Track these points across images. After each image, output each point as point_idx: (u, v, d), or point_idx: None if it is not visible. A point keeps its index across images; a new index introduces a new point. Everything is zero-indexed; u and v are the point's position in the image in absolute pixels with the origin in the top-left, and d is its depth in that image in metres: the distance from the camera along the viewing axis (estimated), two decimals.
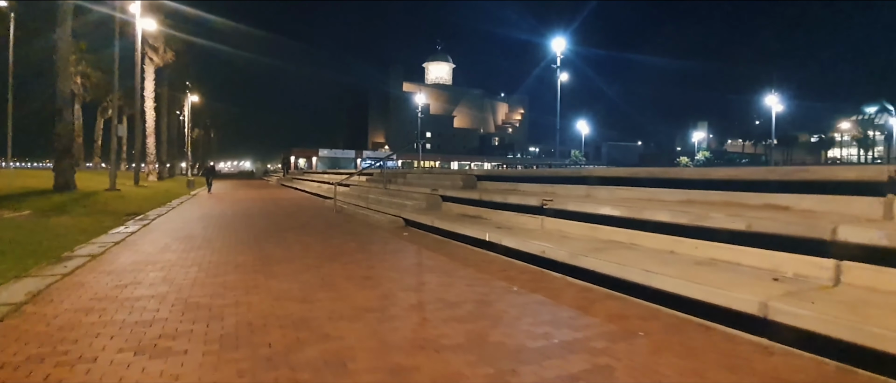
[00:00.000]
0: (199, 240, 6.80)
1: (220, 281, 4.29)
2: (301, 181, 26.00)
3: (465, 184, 8.67)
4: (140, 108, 22.89)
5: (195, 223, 8.93)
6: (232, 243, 6.54)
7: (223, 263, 5.11)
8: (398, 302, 3.64)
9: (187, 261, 5.17)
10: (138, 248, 6.00)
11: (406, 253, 5.88)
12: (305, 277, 4.47)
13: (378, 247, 6.24)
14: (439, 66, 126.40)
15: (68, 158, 13.67)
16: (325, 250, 5.99)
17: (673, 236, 4.21)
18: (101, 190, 15.37)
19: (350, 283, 4.24)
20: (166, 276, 4.44)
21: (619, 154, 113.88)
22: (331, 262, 5.19)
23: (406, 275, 4.61)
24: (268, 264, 5.08)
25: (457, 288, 4.08)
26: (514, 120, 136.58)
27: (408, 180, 11.69)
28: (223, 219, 9.87)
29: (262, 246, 6.33)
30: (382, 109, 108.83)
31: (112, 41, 18.78)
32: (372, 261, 5.36)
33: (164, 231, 7.73)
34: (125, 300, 3.66)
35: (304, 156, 71.98)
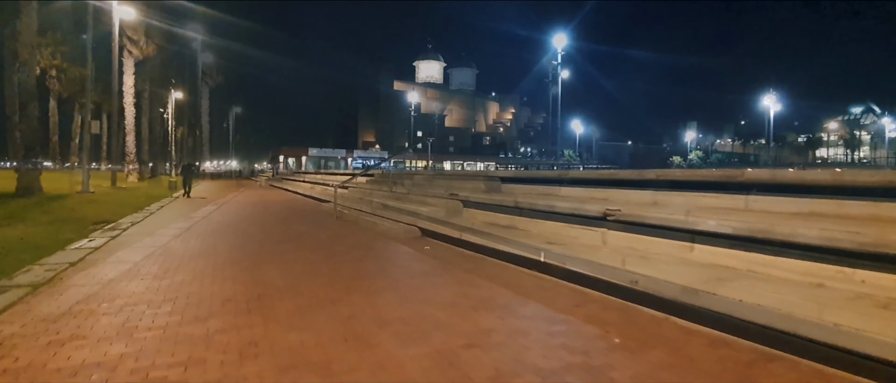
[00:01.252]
0: (178, 258, 5.53)
1: (200, 332, 3.06)
2: (292, 182, 24.59)
3: (489, 188, 7.47)
4: (118, 105, 21.27)
5: (173, 234, 7.61)
6: (219, 264, 5.27)
7: (206, 297, 3.87)
8: (469, 370, 2.46)
9: (158, 296, 3.91)
10: (97, 273, 4.71)
11: (438, 277, 4.66)
12: (320, 321, 3.26)
13: (400, 269, 5.02)
14: (430, 64, 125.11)
15: (32, 158, 12.17)
16: (337, 273, 4.78)
17: (817, 263, 3.10)
18: (72, 192, 13.89)
19: (384, 332, 3.04)
20: (125, 324, 3.19)
21: (610, 153, 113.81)
22: (349, 294, 3.99)
23: (455, 317, 3.42)
24: (266, 298, 3.86)
25: (535, 336, 2.92)
26: (505, 119, 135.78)
27: (416, 182, 10.47)
28: (209, 226, 8.57)
29: (258, 267, 5.09)
30: (372, 108, 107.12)
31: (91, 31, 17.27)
32: (400, 288, 4.16)
33: (135, 246, 6.42)
34: (54, 371, 2.42)
35: (292, 156, 70.17)
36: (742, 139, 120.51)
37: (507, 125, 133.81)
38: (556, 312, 3.44)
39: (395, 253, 5.88)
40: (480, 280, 4.36)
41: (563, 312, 3.44)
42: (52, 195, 12.50)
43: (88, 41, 15.90)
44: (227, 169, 76.33)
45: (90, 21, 16.13)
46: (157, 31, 25.08)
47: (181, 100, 42.18)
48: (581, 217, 5.07)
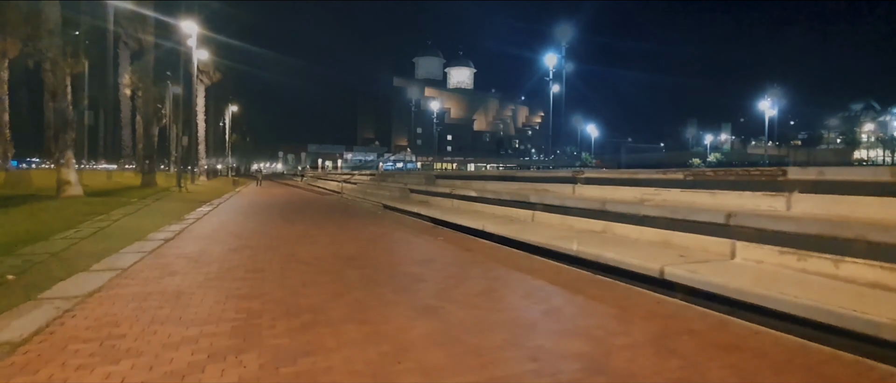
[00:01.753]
0: (252, 213, 11.23)
1: (260, 227, 8.63)
2: (323, 181, 30.75)
3: (426, 181, 12.91)
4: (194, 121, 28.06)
5: (247, 206, 13.42)
6: (272, 215, 10.92)
7: (265, 222, 9.47)
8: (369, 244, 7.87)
9: (247, 221, 9.54)
10: (220, 216, 10.43)
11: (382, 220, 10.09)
12: (304, 227, 8.76)
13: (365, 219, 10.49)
14: (461, 70, 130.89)
15: (152, 164, 18.57)
16: (328, 219, 10.29)
17: None
18: (170, 186, 20.30)
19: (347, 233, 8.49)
20: (239, 224, 8.80)
21: (637, 156, 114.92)
22: (327, 222, 9.48)
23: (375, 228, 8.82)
24: (289, 221, 9.40)
25: (402, 239, 8.28)
26: (535, 122, 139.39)
27: (395, 178, 15.99)
28: (264, 204, 14.36)
29: (288, 216, 10.68)
30: (405, 114, 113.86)
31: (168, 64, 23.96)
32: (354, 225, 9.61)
33: (229, 209, 12.21)
34: (226, 228, 8.00)
35: (331, 159, 77.57)
36: (778, 141, 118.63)
37: (537, 129, 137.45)
38: (421, 235, 8.76)
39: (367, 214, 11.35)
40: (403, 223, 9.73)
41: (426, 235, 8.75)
42: (162, 188, 18.83)
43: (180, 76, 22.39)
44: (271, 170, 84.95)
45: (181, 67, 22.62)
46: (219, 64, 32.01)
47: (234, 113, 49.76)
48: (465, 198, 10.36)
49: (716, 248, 4.17)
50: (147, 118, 18.33)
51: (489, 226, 6.82)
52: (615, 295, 3.81)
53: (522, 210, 7.41)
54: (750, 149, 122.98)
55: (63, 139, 10.99)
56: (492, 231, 6.68)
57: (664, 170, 5.64)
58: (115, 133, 41.84)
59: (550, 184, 8.10)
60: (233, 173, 51.45)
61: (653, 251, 4.44)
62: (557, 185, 7.84)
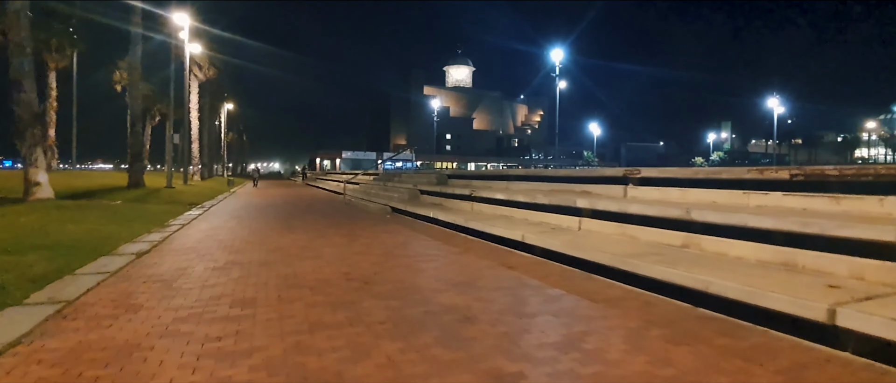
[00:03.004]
0: (246, 218, 10.03)
1: (258, 239, 7.44)
2: (323, 181, 29.52)
3: (438, 181, 11.76)
4: (187, 118, 26.77)
5: (241, 209, 12.22)
6: (268, 219, 9.73)
7: (260, 229, 8.28)
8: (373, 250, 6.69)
9: (241, 227, 8.35)
10: (210, 221, 9.23)
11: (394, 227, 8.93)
12: (306, 235, 7.58)
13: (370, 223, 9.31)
14: (459, 69, 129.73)
15: (139, 162, 17.32)
16: (333, 225, 9.11)
17: None
18: (161, 187, 19.04)
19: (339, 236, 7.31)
20: (231, 232, 7.61)
21: (637, 154, 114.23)
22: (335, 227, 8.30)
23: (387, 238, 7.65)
24: (288, 228, 8.22)
25: (412, 246, 7.09)
26: (534, 121, 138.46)
27: (401, 179, 14.81)
28: (260, 207, 13.15)
29: (287, 221, 9.50)
30: (403, 112, 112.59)
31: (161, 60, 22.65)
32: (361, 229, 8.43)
33: (220, 213, 11.01)
34: (216, 236, 6.82)
35: (328, 158, 76.18)
36: (777, 140, 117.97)
37: (536, 127, 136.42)
38: (445, 245, 7.60)
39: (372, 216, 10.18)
40: None
41: (437, 239, 7.58)
42: (151, 189, 17.58)
43: (171, 74, 21.14)
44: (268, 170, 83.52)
45: (172, 60, 21.37)
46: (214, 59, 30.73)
47: (231, 111, 48.45)
48: (465, 198, 9.20)
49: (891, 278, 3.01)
50: (133, 114, 17.09)
51: (530, 236, 5.66)
52: (766, 349, 2.65)
53: (565, 217, 6.25)
54: (750, 148, 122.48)
55: (31, 135, 9.78)
56: (535, 243, 5.53)
57: (760, 169, 4.50)
58: (111, 132, 40.52)
59: (592, 184, 6.95)
60: (229, 173, 50.11)
61: (781, 278, 3.28)
62: (602, 187, 6.70)
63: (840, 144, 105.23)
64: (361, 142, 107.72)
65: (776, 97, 57.96)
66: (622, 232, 5.27)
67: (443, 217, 8.37)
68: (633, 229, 5.16)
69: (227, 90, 42.94)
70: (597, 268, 4.47)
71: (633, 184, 6.16)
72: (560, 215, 6.44)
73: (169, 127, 20.55)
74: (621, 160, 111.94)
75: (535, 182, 8.45)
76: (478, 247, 6.29)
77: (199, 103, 31.35)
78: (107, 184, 18.38)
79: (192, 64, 27.14)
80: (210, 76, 30.63)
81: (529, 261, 5.22)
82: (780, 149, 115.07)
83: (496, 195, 8.03)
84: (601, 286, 4.07)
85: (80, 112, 39.33)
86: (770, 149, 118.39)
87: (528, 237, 5.68)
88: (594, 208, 5.78)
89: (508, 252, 5.86)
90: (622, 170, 6.34)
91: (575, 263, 4.82)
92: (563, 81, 40.22)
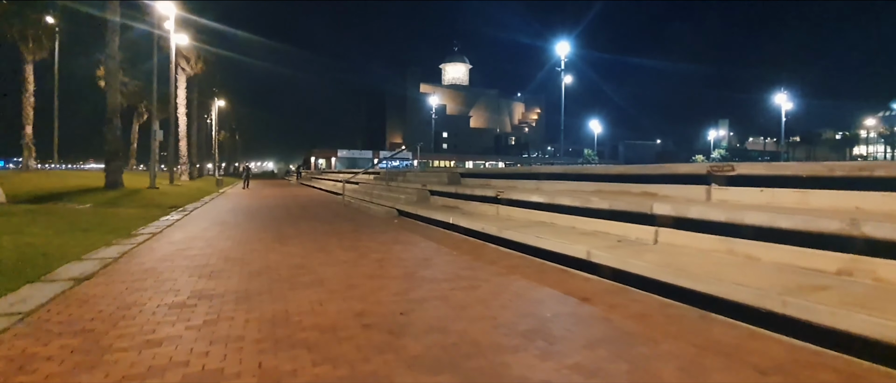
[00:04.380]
0: (232, 224, 8.59)
1: (239, 256, 6.02)
2: (319, 180, 28.02)
3: (450, 181, 10.39)
4: (173, 115, 25.18)
5: (227, 213, 10.77)
6: (257, 226, 8.30)
7: (246, 240, 6.86)
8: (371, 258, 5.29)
9: (224, 237, 6.92)
10: (186, 229, 7.80)
11: None
12: (302, 250, 6.16)
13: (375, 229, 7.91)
14: (456, 66, 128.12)
15: (117, 160, 15.79)
16: (334, 233, 7.70)
17: None
18: (143, 188, 17.51)
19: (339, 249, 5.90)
20: (209, 244, 6.19)
21: (635, 153, 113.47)
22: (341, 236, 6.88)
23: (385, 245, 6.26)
24: (280, 239, 6.80)
25: (420, 254, 5.70)
26: (531, 119, 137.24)
27: (407, 178, 13.41)
28: (249, 210, 11.70)
29: (279, 228, 8.07)
30: (399, 110, 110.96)
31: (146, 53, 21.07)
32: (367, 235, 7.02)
33: (202, 219, 9.57)
34: (188, 251, 5.40)
35: (323, 157, 74.50)
36: (775, 137, 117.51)
37: (533, 125, 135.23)
38: (480, 264, 6.22)
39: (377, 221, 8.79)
40: None
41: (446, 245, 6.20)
42: (130, 189, 16.07)
43: (154, 67, 19.59)
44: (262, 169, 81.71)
45: (155, 50, 19.83)
46: (203, 52, 29.12)
47: (222, 108, 46.77)
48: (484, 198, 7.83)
49: None
50: (110, 108, 15.56)
51: (599, 252, 4.30)
52: None
53: (632, 225, 4.90)
54: (748, 145, 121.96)
55: None
56: (606, 262, 4.17)
57: None
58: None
59: (656, 184, 5.60)
60: (221, 173, 48.41)
61: None
62: (671, 187, 5.35)
63: (839, 141, 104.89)
64: (357, 141, 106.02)
65: (784, 93, 56.86)
66: (729, 248, 3.91)
67: (465, 223, 6.99)
68: (744, 245, 3.80)
69: (218, 86, 41.26)
70: (721, 305, 3.11)
71: (719, 185, 4.82)
72: (622, 223, 5.08)
73: (153, 122, 18.98)
74: (620, 158, 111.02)
75: (575, 181, 7.09)
76: (521, 263, 4.92)
77: (188, 99, 29.73)
78: (84, 184, 16.83)
79: (178, 57, 25.58)
80: (199, 70, 29.01)
81: (604, 289, 3.86)
82: (779, 146, 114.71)
83: (531, 197, 6.66)
84: (753, 340, 2.70)
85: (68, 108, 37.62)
86: (768, 146, 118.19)
87: (597, 254, 4.31)
88: (679, 215, 4.42)
89: (562, 271, 4.51)
90: (705, 166, 4.98)
91: (675, 293, 3.47)
92: (569, 76, 38.81)
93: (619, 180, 6.27)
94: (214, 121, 42.32)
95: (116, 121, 15.94)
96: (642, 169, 6.12)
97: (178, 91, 27.56)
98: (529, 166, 10.49)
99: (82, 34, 29.47)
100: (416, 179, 12.52)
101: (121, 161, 16.21)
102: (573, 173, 7.37)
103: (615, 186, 6.30)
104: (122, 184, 15.66)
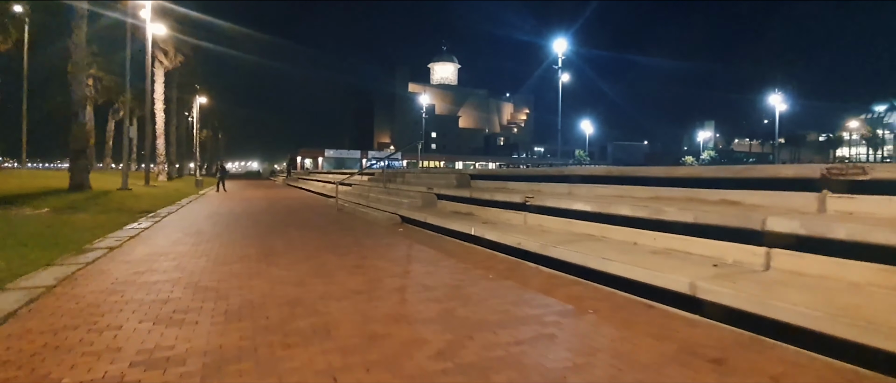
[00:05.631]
0: (209, 235, 7.29)
1: (225, 271, 4.76)
2: (306, 181, 26.58)
3: (459, 183, 9.23)
4: (150, 110, 23.53)
5: (205, 221, 9.44)
6: (238, 238, 7.02)
7: (230, 255, 5.59)
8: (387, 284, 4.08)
9: (197, 253, 5.64)
10: (152, 242, 6.49)
11: None
12: (295, 275, 4.93)
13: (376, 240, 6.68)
14: (444, 66, 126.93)
15: (83, 159, 14.26)
16: (334, 249, 6.45)
17: None
18: (113, 189, 15.98)
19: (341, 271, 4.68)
20: (175, 266, 4.91)
21: (624, 154, 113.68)
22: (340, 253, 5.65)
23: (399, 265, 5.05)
24: (266, 258, 5.55)
25: (438, 275, 4.51)
26: (520, 120, 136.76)
27: (406, 180, 12.20)
28: (231, 216, 10.37)
29: (265, 239, 6.81)
30: (388, 110, 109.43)
31: (123, 44, 19.47)
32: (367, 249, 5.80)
33: (174, 227, 8.24)
34: (141, 282, 4.13)
35: (310, 157, 72.68)
36: (760, 139, 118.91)
37: (522, 125, 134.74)
38: (538, 298, 5.04)
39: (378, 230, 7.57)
40: None
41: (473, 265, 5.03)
42: (98, 191, 14.55)
43: (126, 56, 18.02)
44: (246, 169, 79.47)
45: (128, 35, 18.26)
46: (182, 43, 27.45)
47: (205, 105, 44.88)
48: None
49: None
50: (76, 101, 14.04)
51: (710, 285, 3.16)
52: None
53: (730, 244, 3.79)
54: (734, 147, 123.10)
55: None
56: (729, 301, 3.03)
57: None
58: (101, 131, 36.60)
59: (742, 190, 4.51)
60: (202, 173, 46.45)
61: None
62: (766, 194, 4.27)
63: (823, 143, 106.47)
64: (344, 141, 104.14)
65: (778, 94, 56.90)
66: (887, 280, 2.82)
67: (493, 235, 5.81)
68: None
69: (200, 82, 39.40)
70: None
71: (839, 192, 3.74)
72: (710, 240, 3.97)
73: (125, 117, 17.41)
74: (609, 158, 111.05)
75: (618, 185, 5.98)
76: (585, 293, 3.78)
77: (167, 95, 28.00)
78: (47, 185, 15.23)
79: (155, 48, 23.93)
80: (177, 64, 27.30)
81: (733, 341, 2.73)
82: (764, 148, 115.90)
83: (574, 205, 5.52)
84: None
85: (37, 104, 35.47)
86: (754, 147, 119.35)
87: (708, 287, 3.17)
88: (808, 233, 3.31)
89: (648, 308, 3.39)
90: (819, 168, 3.90)
91: (849, 352, 2.36)
92: (566, 74, 37.89)
93: (684, 185, 5.17)
94: (196, 118, 40.42)
95: (83, 116, 14.43)
96: (720, 171, 5.04)
97: (156, 85, 25.87)
98: (560, 168, 9.35)
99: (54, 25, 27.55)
100: (418, 181, 11.34)
101: (87, 160, 14.66)
102: (614, 176, 6.26)
103: (677, 192, 5.19)
104: (88, 185, 14.15)
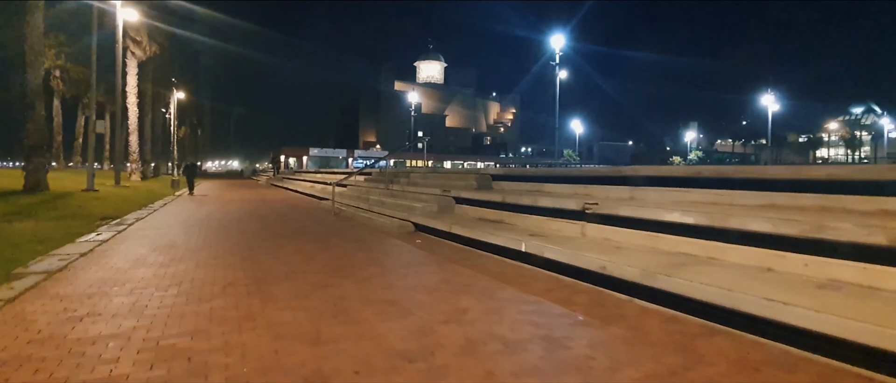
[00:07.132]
0: (182, 250, 5.85)
1: (205, 310, 3.38)
2: (292, 181, 24.94)
3: (480, 184, 7.92)
4: (121, 104, 21.63)
5: (179, 231, 7.95)
6: (220, 254, 5.60)
7: (209, 282, 4.19)
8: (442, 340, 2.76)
9: (165, 280, 4.23)
10: (107, 262, 5.03)
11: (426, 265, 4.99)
12: (308, 315, 3.58)
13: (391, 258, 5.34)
14: (431, 64, 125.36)
15: (39, 156, 12.51)
16: (342, 273, 5.09)
17: None
18: (77, 190, 14.23)
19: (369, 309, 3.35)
20: (131, 305, 3.50)
21: (610, 153, 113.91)
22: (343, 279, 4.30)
23: None
24: (261, 291, 4.17)
25: (507, 315, 3.21)
26: (506, 119, 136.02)
27: (412, 180, 10.85)
28: (211, 223, 8.89)
29: (256, 256, 5.41)
30: (373, 108, 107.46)
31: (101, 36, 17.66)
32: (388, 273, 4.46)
33: (140, 239, 6.76)
34: (75, 342, 2.73)
35: (294, 156, 70.58)
36: (742, 139, 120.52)
37: (508, 125, 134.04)
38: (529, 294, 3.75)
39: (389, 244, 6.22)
40: None
41: None
42: (58, 193, 12.84)
43: (93, 44, 16.24)
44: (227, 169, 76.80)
45: (95, 21, 16.49)
46: (157, 32, 25.50)
47: (183, 101, 42.64)
48: None
49: None
50: (31, 91, 12.30)
51: None
52: None
53: None
54: (717, 147, 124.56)
55: None
56: None
57: None
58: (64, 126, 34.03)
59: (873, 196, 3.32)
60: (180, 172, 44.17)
61: None
62: None
63: (803, 144, 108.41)
64: (329, 139, 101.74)
65: (771, 94, 57.01)
66: None
67: (553, 254, 4.52)
68: None
69: (178, 75, 37.22)
70: None
71: None
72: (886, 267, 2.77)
73: (91, 109, 15.63)
74: (595, 158, 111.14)
75: (710, 189, 4.76)
76: (764, 359, 2.53)
77: (141, 88, 25.97)
78: None
79: (126, 37, 22.01)
80: (152, 54, 25.31)
81: None
82: (746, 148, 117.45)
83: (664, 216, 4.26)
84: None
85: None
86: (736, 148, 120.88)
87: None
88: None
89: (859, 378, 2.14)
90: None
91: None
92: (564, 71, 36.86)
93: (817, 190, 3.95)
94: (173, 113, 38.20)
95: (40, 108, 12.69)
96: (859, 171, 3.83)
97: (128, 78, 23.88)
98: (618, 167, 8.02)
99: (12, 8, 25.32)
100: (427, 182, 10.00)
101: (44, 157, 12.88)
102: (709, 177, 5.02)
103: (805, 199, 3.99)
104: (45, 185, 12.43)
